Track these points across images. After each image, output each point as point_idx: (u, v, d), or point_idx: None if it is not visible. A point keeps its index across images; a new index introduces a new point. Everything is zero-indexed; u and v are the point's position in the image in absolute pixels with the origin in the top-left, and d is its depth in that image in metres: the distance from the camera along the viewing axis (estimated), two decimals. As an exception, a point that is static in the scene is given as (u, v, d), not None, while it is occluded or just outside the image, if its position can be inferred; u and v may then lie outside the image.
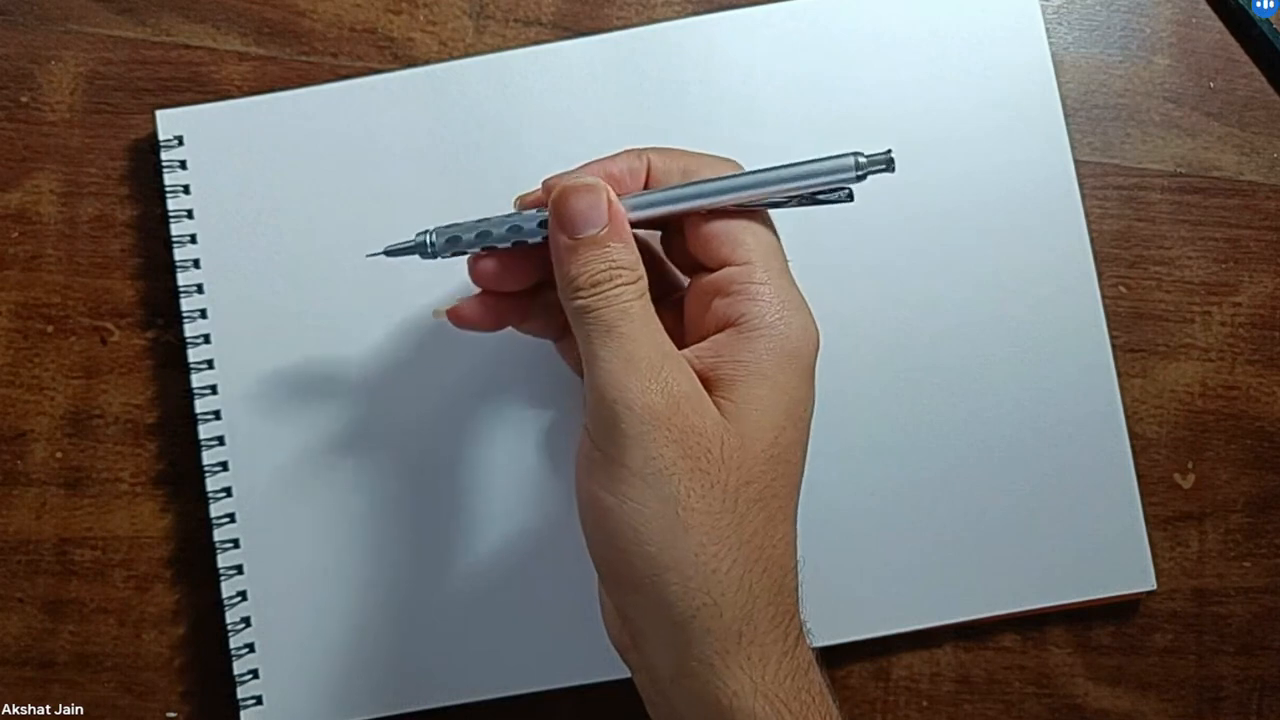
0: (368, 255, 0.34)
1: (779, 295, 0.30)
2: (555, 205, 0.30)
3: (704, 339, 0.31)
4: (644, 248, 0.34)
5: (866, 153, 0.31)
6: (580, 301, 0.29)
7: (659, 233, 0.35)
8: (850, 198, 0.31)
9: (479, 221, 0.32)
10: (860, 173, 0.31)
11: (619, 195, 0.31)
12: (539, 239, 0.32)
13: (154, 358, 0.40)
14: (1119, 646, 0.42)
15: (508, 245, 0.32)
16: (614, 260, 0.29)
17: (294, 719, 0.38)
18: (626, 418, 0.28)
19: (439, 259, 0.33)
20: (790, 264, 0.32)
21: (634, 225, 0.31)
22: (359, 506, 0.39)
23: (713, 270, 0.31)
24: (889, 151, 0.30)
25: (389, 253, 0.33)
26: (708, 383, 0.29)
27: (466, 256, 0.33)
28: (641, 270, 0.30)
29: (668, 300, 0.35)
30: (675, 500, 0.27)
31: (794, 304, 0.30)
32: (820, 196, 0.31)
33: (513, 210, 0.33)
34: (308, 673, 0.39)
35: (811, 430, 0.31)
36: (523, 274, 0.33)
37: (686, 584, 0.27)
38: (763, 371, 0.29)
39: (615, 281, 0.29)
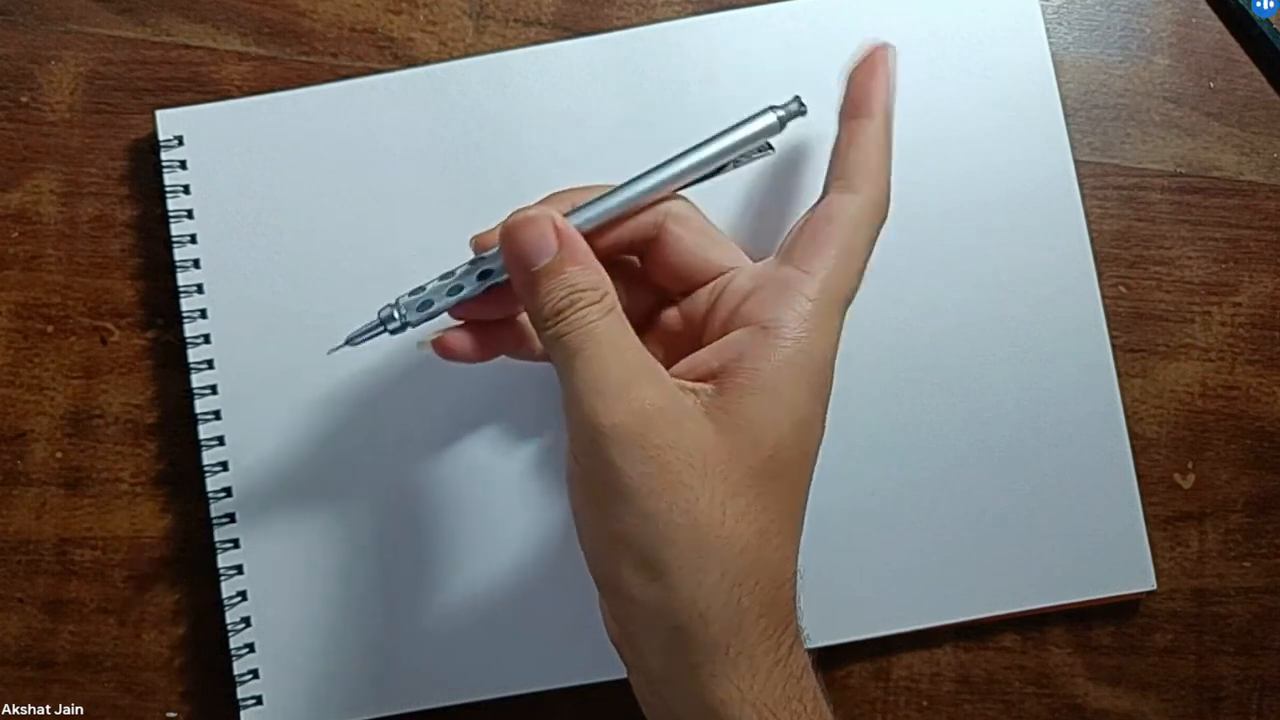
0: (329, 352, 0.33)
1: (818, 316, 0.30)
2: (504, 243, 0.30)
3: (724, 335, 0.30)
4: (625, 262, 0.35)
5: (780, 105, 0.33)
6: (549, 331, 0.29)
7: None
8: (771, 149, 0.33)
9: (444, 278, 0.32)
10: (782, 126, 0.33)
11: (565, 214, 0.31)
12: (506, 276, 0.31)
13: (154, 358, 0.40)
14: (1119, 646, 0.42)
15: (483, 292, 0.32)
16: (573, 285, 0.29)
17: (294, 719, 0.38)
18: (599, 440, 0.28)
19: (410, 329, 0.32)
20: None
21: (596, 235, 0.32)
22: (359, 506, 0.39)
23: (775, 268, 0.31)
24: (798, 98, 0.33)
25: (351, 342, 0.32)
26: (718, 384, 0.29)
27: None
28: (605, 287, 0.30)
29: (665, 309, 0.35)
30: (656, 517, 0.27)
31: (827, 330, 0.30)
32: (749, 157, 0.33)
33: (470, 247, 0.33)
34: (308, 673, 0.39)
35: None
36: (503, 301, 0.33)
37: (673, 596, 0.27)
38: (775, 386, 0.29)
39: (577, 305, 0.29)
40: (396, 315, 0.32)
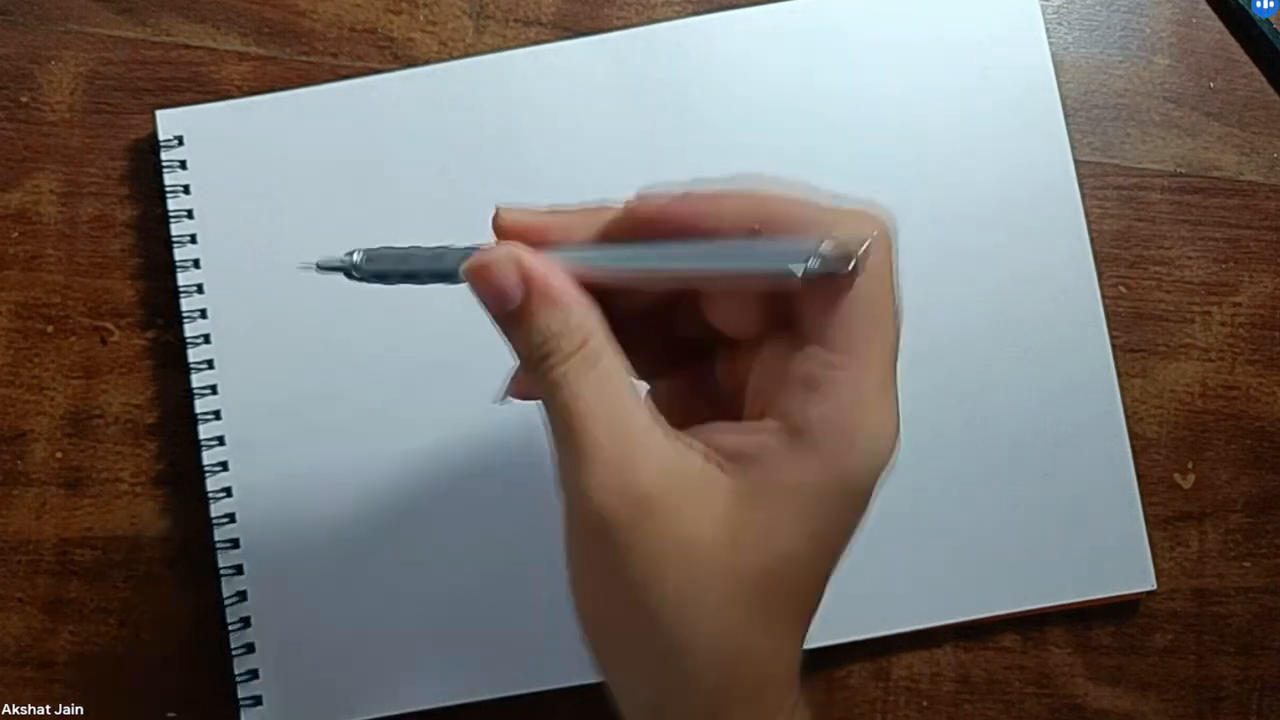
0: (299, 266, 0.30)
1: (857, 404, 0.25)
2: (470, 283, 0.27)
3: (764, 414, 0.26)
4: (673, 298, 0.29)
5: (828, 250, 0.23)
6: (531, 379, 0.26)
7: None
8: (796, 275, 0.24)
9: (408, 250, 0.29)
10: (807, 272, 0.24)
11: (570, 245, 0.27)
12: (460, 283, 0.28)
13: (154, 358, 0.40)
14: (1119, 646, 0.42)
15: (431, 279, 0.29)
16: (547, 333, 0.26)
17: (294, 719, 0.38)
18: (586, 518, 0.25)
19: (366, 284, 0.30)
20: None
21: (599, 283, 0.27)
22: (359, 506, 0.39)
23: (803, 331, 0.25)
24: (857, 255, 0.24)
25: (320, 267, 0.30)
26: (733, 472, 0.25)
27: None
28: (587, 331, 0.26)
29: (710, 358, 0.30)
30: (640, 606, 0.25)
31: (872, 413, 0.25)
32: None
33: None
34: (308, 673, 0.39)
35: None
36: None
37: (650, 681, 0.26)
38: (795, 504, 0.25)
39: (553, 358, 0.26)
40: (354, 262, 0.29)
